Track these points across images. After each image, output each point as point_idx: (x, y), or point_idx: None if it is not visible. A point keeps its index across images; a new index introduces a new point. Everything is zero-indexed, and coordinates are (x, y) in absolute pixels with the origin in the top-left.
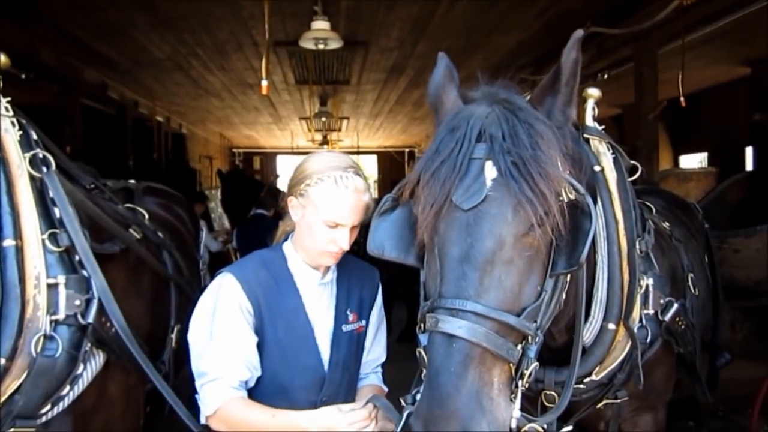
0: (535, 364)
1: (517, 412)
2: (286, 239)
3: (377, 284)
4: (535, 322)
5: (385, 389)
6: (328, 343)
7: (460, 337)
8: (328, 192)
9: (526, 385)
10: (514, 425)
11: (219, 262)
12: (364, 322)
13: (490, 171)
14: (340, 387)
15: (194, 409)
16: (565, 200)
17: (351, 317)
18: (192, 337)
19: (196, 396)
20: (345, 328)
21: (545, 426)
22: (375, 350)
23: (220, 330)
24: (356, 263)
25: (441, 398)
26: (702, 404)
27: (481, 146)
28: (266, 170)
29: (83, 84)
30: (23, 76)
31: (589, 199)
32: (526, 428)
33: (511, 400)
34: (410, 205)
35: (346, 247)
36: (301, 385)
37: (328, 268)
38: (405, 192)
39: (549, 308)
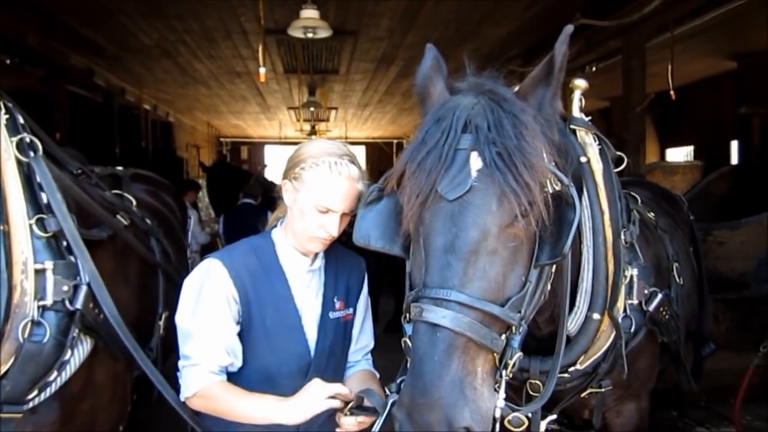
0: (519, 354)
1: (501, 402)
2: (275, 226)
3: (363, 273)
4: (519, 312)
5: (377, 374)
6: (315, 329)
7: (444, 327)
8: (322, 177)
9: (510, 375)
10: (497, 414)
11: (207, 250)
12: (351, 310)
13: (476, 161)
14: (325, 373)
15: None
16: (550, 191)
17: (338, 305)
18: (177, 318)
19: (178, 374)
20: (332, 315)
21: (530, 415)
22: (363, 339)
23: (204, 316)
24: (343, 252)
25: (424, 387)
26: (685, 394)
27: (467, 137)
28: (254, 160)
29: (70, 70)
30: (8, 62)
31: (574, 191)
32: (509, 417)
33: (495, 390)
34: (397, 195)
35: (336, 234)
36: (287, 372)
37: (316, 256)
38: (391, 182)
39: (533, 298)
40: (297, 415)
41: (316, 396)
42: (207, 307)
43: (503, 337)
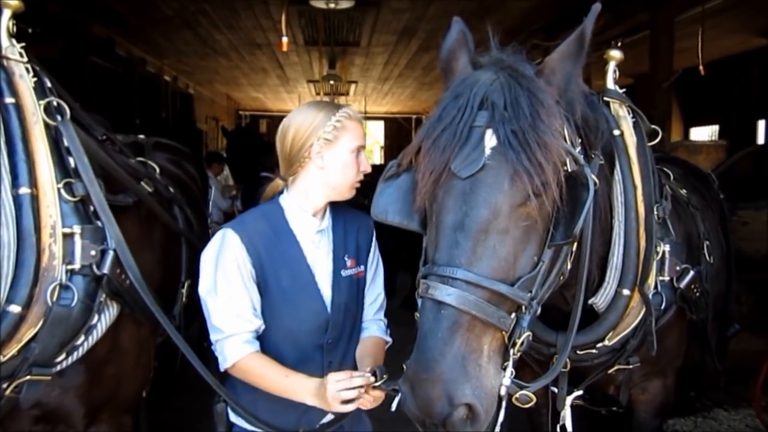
0: (528, 333)
1: (507, 380)
2: (281, 193)
3: (372, 230)
4: (530, 292)
5: (388, 339)
6: (329, 287)
7: (449, 304)
8: (353, 123)
9: (518, 354)
10: (503, 392)
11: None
12: (362, 268)
13: (490, 140)
14: (343, 329)
15: (207, 360)
16: (568, 170)
17: (349, 263)
18: (201, 292)
19: (213, 347)
20: (344, 273)
21: (555, 390)
22: (372, 293)
23: (226, 286)
24: (350, 211)
25: (427, 363)
26: (704, 375)
27: (483, 114)
28: (273, 133)
29: (91, 40)
30: (30, 31)
31: (588, 170)
32: (517, 395)
33: (503, 368)
34: (414, 171)
35: (369, 168)
36: (307, 329)
37: (323, 216)
38: (408, 158)
39: (549, 278)
40: (318, 403)
41: (335, 398)
42: (227, 277)
43: (513, 315)
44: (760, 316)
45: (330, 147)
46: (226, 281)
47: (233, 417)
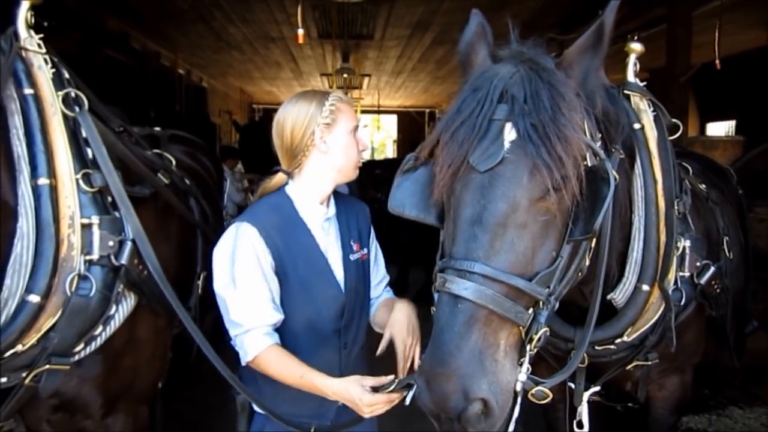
0: (545, 329)
1: (522, 375)
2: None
3: (368, 213)
4: (548, 287)
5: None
6: (341, 272)
7: (466, 299)
8: (345, 105)
9: (535, 349)
10: (519, 388)
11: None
12: (365, 251)
13: (510, 133)
14: (354, 312)
15: (221, 353)
16: (589, 165)
17: (355, 247)
18: (216, 288)
19: (232, 342)
20: (352, 257)
21: (572, 386)
22: (379, 273)
23: (243, 279)
24: (346, 199)
25: (443, 357)
26: (719, 373)
27: (503, 107)
28: None
29: (106, 33)
30: (45, 24)
31: (608, 164)
32: (533, 391)
33: (519, 364)
34: (432, 164)
35: (368, 145)
36: (326, 315)
37: (328, 204)
38: (425, 151)
39: (567, 274)
40: (342, 400)
41: (356, 397)
42: (246, 270)
43: (530, 311)
44: None
45: (330, 130)
46: (245, 275)
47: (256, 407)
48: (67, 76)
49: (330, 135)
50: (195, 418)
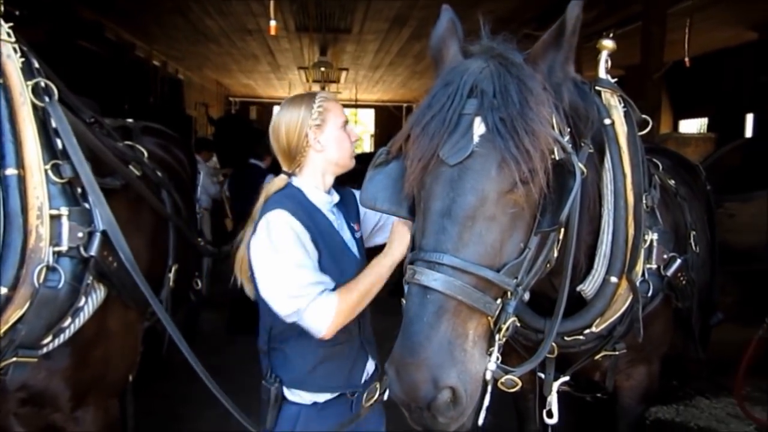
0: (513, 318)
1: (492, 364)
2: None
3: (356, 197)
4: (516, 278)
5: None
6: (356, 250)
7: (435, 289)
8: (331, 105)
9: (504, 339)
10: (489, 377)
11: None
12: (360, 229)
13: (479, 127)
14: None
15: (193, 345)
16: (556, 158)
17: (356, 227)
18: (264, 283)
19: (301, 322)
20: (356, 235)
21: (542, 376)
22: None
23: (290, 257)
24: (337, 188)
25: (412, 347)
26: (687, 365)
27: (472, 102)
28: (263, 120)
29: (79, 24)
30: (17, 13)
31: (575, 158)
32: (502, 379)
33: (489, 353)
34: (403, 158)
35: (357, 135)
36: None
37: (331, 193)
38: (396, 145)
39: (535, 265)
40: (399, 256)
41: (403, 233)
42: (289, 250)
43: (498, 301)
44: (745, 307)
45: (322, 130)
46: (291, 254)
47: (289, 394)
48: (36, 65)
49: (322, 134)
50: (167, 411)
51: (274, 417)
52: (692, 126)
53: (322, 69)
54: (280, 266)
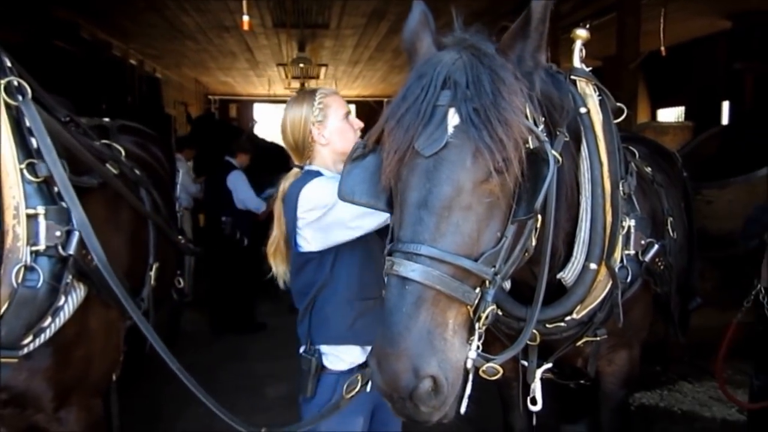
0: (492, 306)
1: (473, 353)
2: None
3: None
4: (494, 267)
5: None
6: None
7: (413, 280)
8: (332, 98)
9: (484, 327)
10: (469, 365)
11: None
12: None
13: (453, 118)
14: None
15: (172, 347)
16: (530, 147)
17: None
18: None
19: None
20: None
21: (526, 364)
22: None
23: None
24: None
25: (392, 337)
26: (669, 350)
27: (446, 93)
28: (243, 118)
29: (54, 23)
30: None
31: (548, 147)
32: (484, 367)
33: (469, 342)
34: (380, 151)
35: (362, 124)
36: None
37: None
38: (372, 138)
39: (513, 253)
40: None
41: None
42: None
43: (477, 290)
44: (724, 292)
45: (324, 125)
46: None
47: (328, 361)
48: (9, 64)
49: (325, 129)
50: (151, 410)
51: (314, 386)
52: (670, 115)
53: (301, 65)
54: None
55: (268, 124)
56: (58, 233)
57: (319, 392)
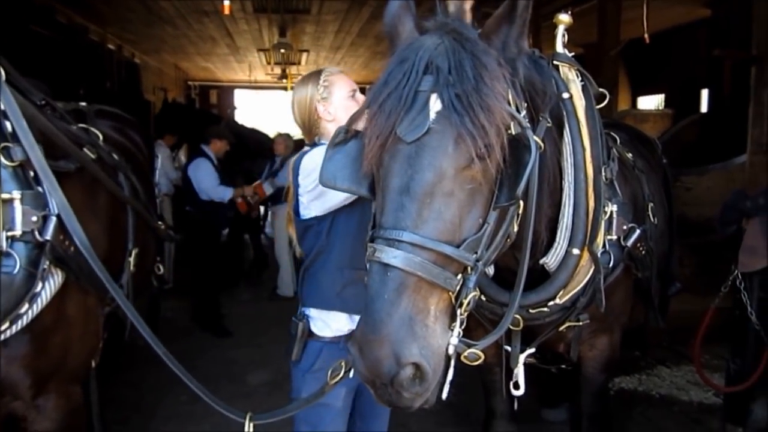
0: (474, 293)
1: (454, 339)
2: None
3: None
4: (476, 253)
5: None
6: None
7: (395, 267)
8: (337, 77)
9: (466, 314)
10: (451, 351)
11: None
12: None
13: (435, 104)
14: None
15: (155, 332)
16: (512, 133)
17: None
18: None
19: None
20: None
21: (509, 349)
22: None
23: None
24: None
25: (374, 324)
26: (648, 335)
27: (428, 78)
28: (223, 104)
29: (30, 7)
30: None
31: (530, 133)
32: (466, 353)
33: (451, 328)
34: (362, 136)
35: None
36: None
37: None
38: (354, 123)
39: (495, 239)
40: None
41: None
42: None
43: (459, 276)
44: (701, 278)
45: (330, 101)
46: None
47: (315, 327)
48: None
49: (330, 105)
50: (135, 400)
51: (300, 350)
52: (650, 102)
53: (282, 51)
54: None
55: (249, 110)
56: (34, 218)
57: (305, 357)
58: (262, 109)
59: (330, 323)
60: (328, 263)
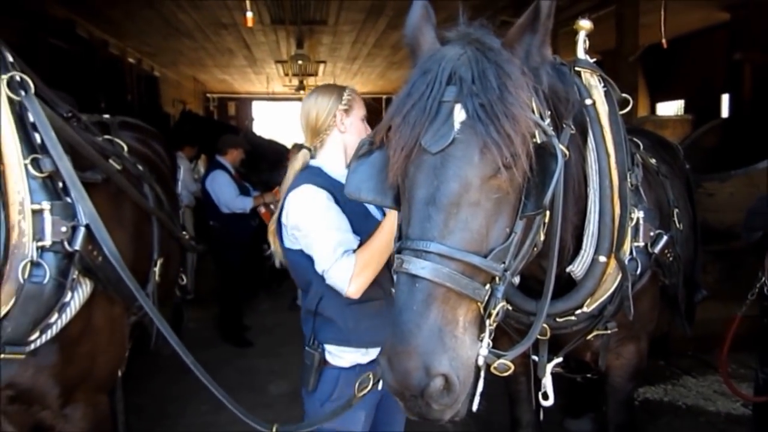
0: (503, 303)
1: (484, 350)
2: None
3: None
4: (503, 263)
5: None
6: (380, 216)
7: (423, 278)
8: (358, 98)
9: (494, 324)
10: (481, 362)
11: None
12: None
13: (459, 114)
14: None
15: (181, 340)
16: (537, 141)
17: None
18: (315, 244)
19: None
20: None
21: (536, 359)
22: None
23: (327, 221)
24: None
25: (403, 335)
26: (672, 344)
27: (452, 89)
28: (241, 116)
29: (50, 21)
30: None
31: (555, 141)
32: (495, 364)
33: (480, 339)
34: (386, 148)
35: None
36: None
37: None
38: (379, 135)
39: (522, 249)
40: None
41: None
42: (326, 213)
43: (487, 287)
44: (725, 285)
45: (348, 114)
46: (319, 219)
47: (330, 357)
48: (11, 59)
49: (348, 118)
50: (156, 407)
51: (316, 380)
52: (669, 108)
53: (300, 62)
54: (312, 230)
55: (267, 121)
56: (63, 229)
57: (321, 386)
58: (280, 121)
59: (344, 356)
60: (333, 304)
